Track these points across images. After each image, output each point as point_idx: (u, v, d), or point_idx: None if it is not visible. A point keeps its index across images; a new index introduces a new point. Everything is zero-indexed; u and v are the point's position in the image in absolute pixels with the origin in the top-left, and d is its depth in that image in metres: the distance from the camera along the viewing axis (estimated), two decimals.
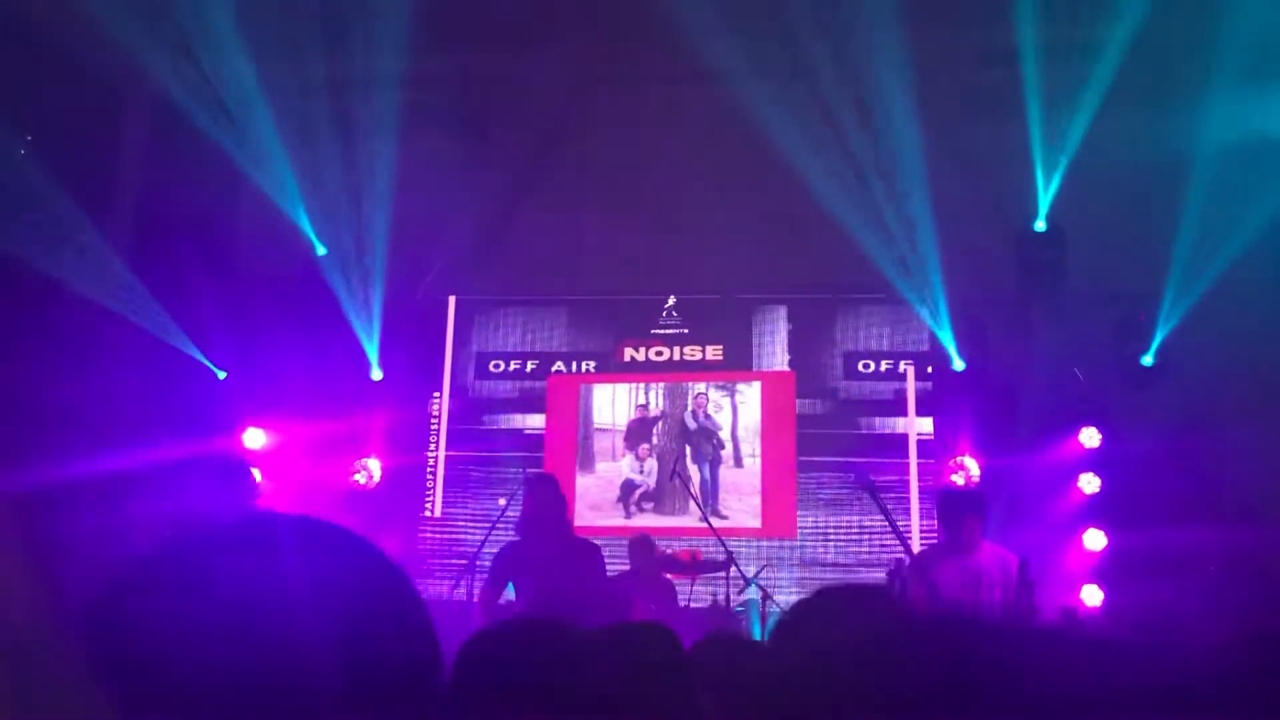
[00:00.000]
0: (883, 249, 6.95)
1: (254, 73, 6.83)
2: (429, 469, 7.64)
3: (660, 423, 7.57)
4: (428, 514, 7.55)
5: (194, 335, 7.28)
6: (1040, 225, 6.97)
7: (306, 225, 7.42)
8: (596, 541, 5.19)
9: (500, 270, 7.86)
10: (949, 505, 5.08)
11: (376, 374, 7.59)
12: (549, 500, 4.94)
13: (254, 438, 7.39)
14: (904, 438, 7.28)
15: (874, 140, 6.83)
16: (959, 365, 7.12)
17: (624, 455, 7.54)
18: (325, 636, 0.79)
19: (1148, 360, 6.85)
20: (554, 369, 7.74)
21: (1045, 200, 6.92)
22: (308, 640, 0.78)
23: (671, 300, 7.68)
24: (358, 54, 6.99)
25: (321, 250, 7.47)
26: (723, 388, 7.56)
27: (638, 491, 7.45)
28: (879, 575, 5.71)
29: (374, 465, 7.47)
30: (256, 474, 7.30)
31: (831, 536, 7.18)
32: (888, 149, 6.83)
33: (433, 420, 7.73)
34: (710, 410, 7.53)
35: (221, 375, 7.47)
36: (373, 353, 7.57)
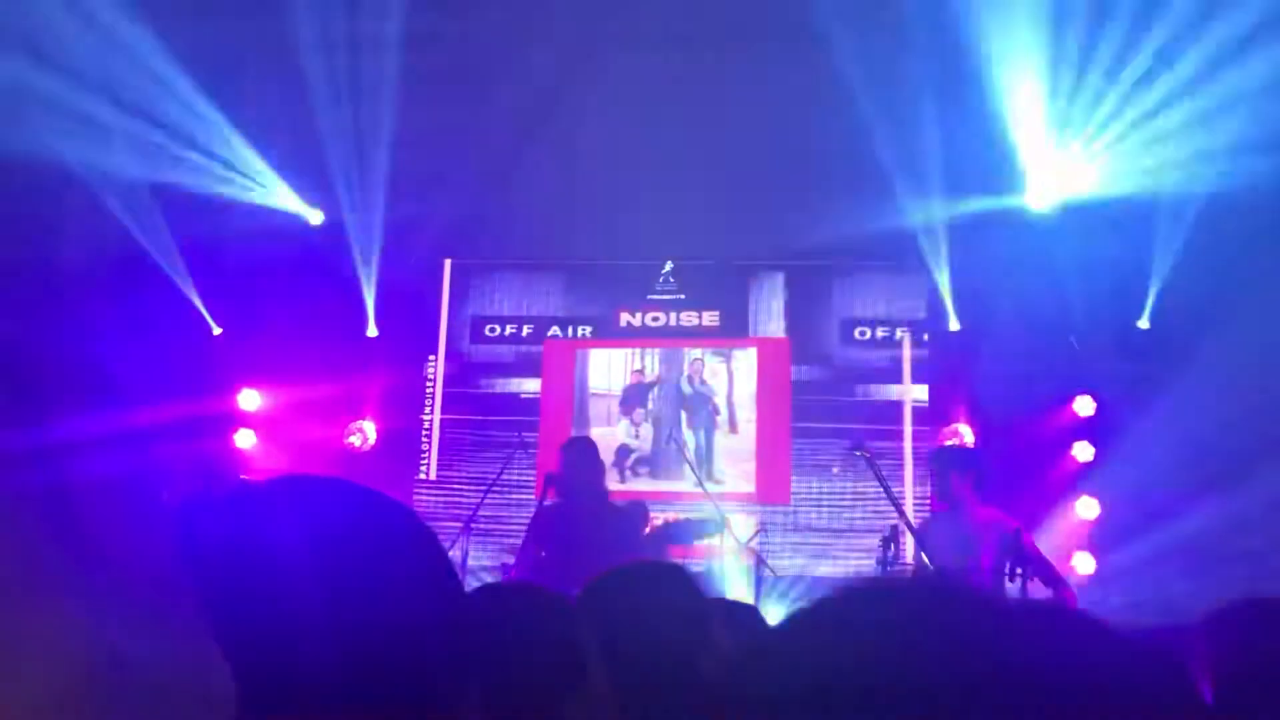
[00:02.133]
0: (882, 215, 6.92)
1: (248, 30, 6.77)
2: (424, 432, 7.65)
3: (656, 388, 7.57)
4: (422, 477, 7.57)
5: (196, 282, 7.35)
6: (1037, 201, 6.95)
7: (295, 195, 7.43)
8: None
9: (496, 233, 7.82)
10: (935, 461, 5.18)
11: (372, 330, 7.58)
12: (586, 462, 4.97)
13: (248, 399, 7.40)
14: (899, 405, 7.29)
15: (874, 105, 6.77)
16: (955, 325, 7.11)
17: (619, 420, 7.55)
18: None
19: (1143, 324, 6.85)
20: (550, 333, 7.73)
21: (1043, 169, 6.89)
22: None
23: (668, 266, 7.65)
24: (353, 13, 6.91)
25: (318, 218, 7.49)
26: (719, 354, 7.56)
27: (633, 456, 7.47)
28: (872, 541, 5.73)
29: (369, 427, 7.47)
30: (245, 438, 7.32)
31: (825, 502, 7.20)
32: (888, 114, 6.77)
33: (428, 383, 7.73)
34: (706, 376, 7.53)
35: (217, 331, 7.47)
36: (370, 315, 7.56)
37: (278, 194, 7.43)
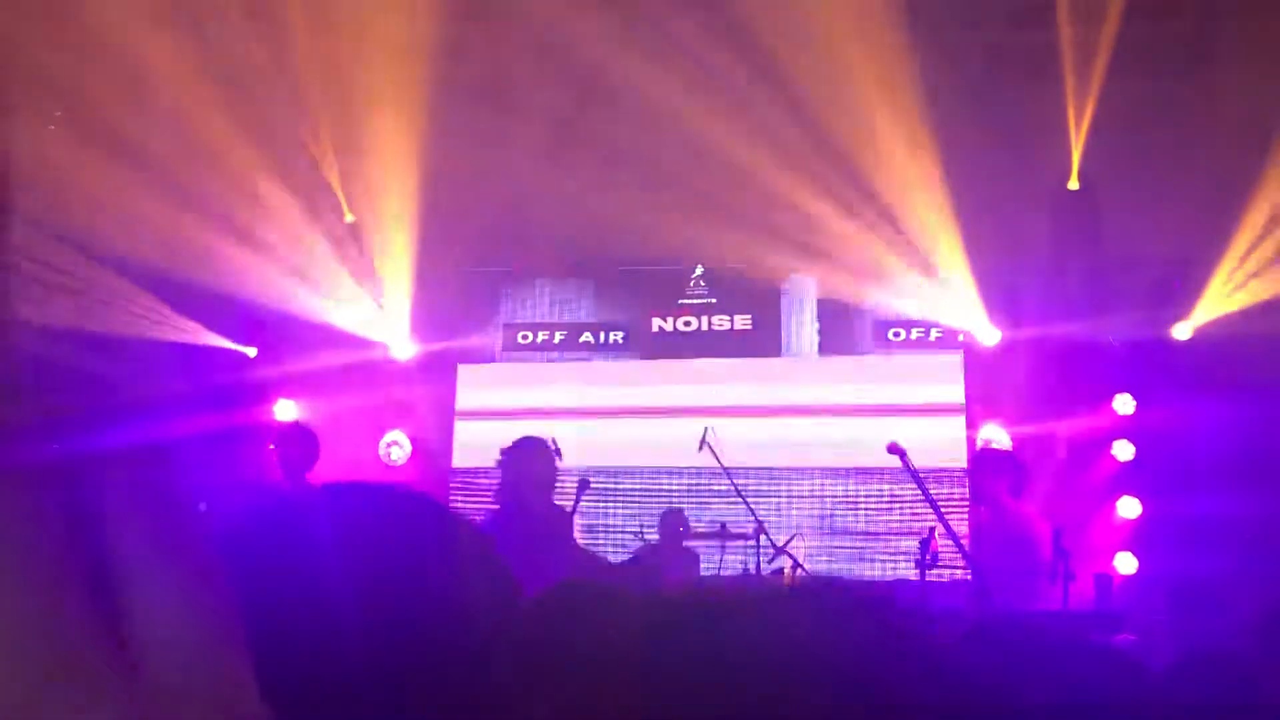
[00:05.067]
0: (914, 214, 6.86)
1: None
2: (459, 441, 7.65)
3: None
4: (457, 484, 7.57)
5: (223, 326, 7.32)
6: (1073, 184, 6.84)
7: (338, 193, 7.43)
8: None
9: (528, 240, 7.83)
10: (974, 465, 5.14)
11: (409, 349, 7.58)
12: (516, 468, 4.98)
13: (285, 409, 7.44)
14: (934, 405, 7.21)
15: (904, 102, 6.72)
16: (991, 339, 7.01)
17: None
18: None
19: (1185, 333, 6.75)
20: (581, 339, 7.73)
21: (1077, 158, 6.80)
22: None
23: (699, 270, 7.63)
24: (383, 19, 6.95)
25: (350, 217, 7.47)
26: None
27: None
28: (910, 543, 5.68)
29: (403, 438, 7.50)
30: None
31: (861, 505, 7.15)
32: (918, 110, 6.72)
33: (460, 392, 7.74)
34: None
35: (251, 353, 7.51)
36: (403, 324, 7.57)
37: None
